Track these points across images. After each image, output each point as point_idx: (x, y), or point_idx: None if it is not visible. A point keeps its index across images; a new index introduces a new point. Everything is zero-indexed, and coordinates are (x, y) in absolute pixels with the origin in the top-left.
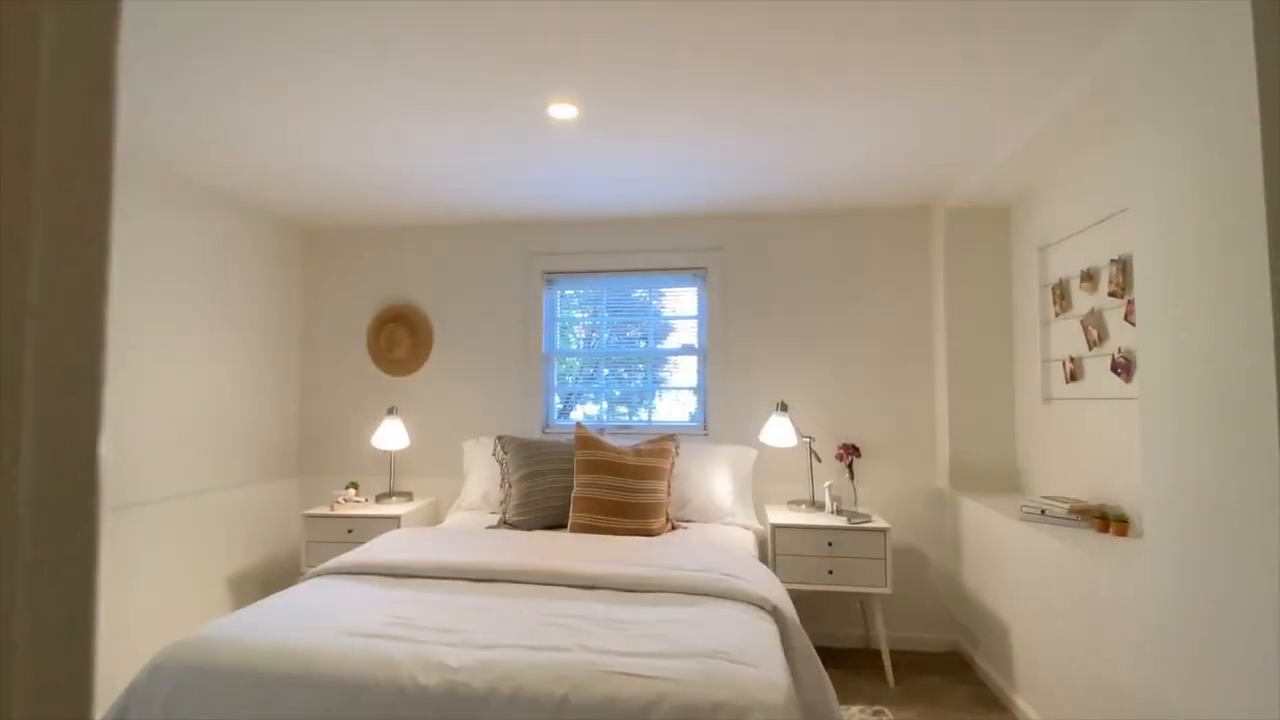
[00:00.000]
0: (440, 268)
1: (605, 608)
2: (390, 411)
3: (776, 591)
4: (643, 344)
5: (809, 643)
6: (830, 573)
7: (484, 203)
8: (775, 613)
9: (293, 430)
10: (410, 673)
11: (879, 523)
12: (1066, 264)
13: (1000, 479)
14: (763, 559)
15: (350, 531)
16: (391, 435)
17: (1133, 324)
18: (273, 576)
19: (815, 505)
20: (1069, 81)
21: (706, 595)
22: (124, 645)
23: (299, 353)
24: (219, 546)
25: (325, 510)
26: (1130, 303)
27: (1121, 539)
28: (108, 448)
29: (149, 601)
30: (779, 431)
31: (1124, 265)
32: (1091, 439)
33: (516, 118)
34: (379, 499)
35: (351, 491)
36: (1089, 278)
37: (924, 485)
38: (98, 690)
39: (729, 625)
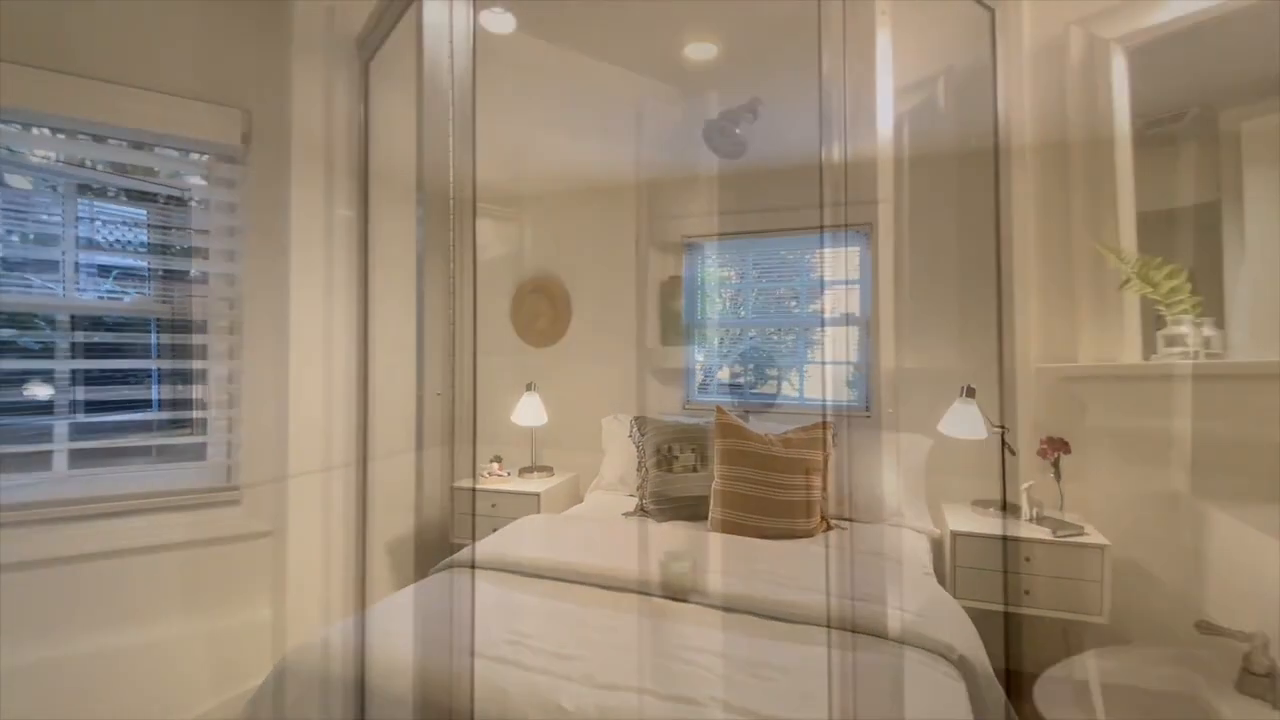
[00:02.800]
0: (576, 235)
1: (746, 642)
2: (529, 387)
3: (964, 634)
4: (793, 306)
5: (1003, 698)
6: (1027, 593)
7: (620, 164)
8: (962, 663)
9: (443, 400)
10: (523, 712)
11: (1095, 537)
12: None
13: (1273, 483)
14: (938, 570)
15: (494, 505)
16: (530, 411)
17: None
18: (425, 542)
19: (1008, 508)
20: None
21: (873, 635)
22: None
23: (449, 323)
24: (376, 515)
25: (470, 484)
26: None
27: None
28: None
29: (319, 570)
30: (964, 421)
31: None
32: None
33: (649, 64)
34: (521, 473)
35: (495, 465)
36: None
37: (1153, 489)
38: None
39: (906, 687)
